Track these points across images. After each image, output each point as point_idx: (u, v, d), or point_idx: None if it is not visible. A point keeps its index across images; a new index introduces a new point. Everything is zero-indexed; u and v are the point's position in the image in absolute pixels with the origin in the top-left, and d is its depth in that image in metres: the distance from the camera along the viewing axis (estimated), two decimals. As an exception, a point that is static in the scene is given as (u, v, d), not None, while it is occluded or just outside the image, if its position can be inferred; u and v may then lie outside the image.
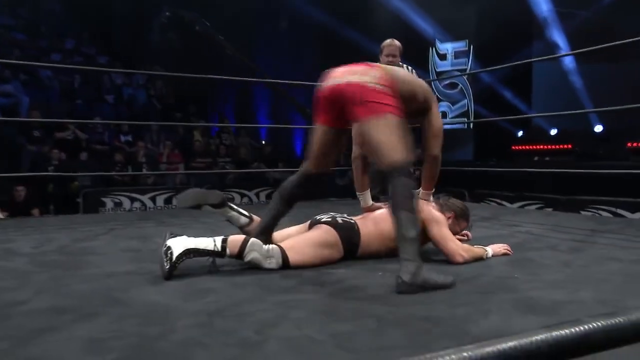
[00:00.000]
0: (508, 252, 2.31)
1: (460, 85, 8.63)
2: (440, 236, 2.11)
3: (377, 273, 1.93)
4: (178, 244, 1.86)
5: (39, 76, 8.84)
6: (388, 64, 3.98)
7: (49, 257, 2.28)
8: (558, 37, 8.42)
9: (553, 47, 8.34)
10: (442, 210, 2.31)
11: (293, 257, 1.98)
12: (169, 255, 1.83)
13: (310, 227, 2.19)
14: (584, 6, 8.11)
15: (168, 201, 6.72)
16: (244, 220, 2.18)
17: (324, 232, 2.10)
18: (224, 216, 2.19)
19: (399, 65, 3.98)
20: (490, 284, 1.79)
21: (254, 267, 1.96)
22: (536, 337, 0.53)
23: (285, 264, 1.96)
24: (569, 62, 8.61)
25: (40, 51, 9.56)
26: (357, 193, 2.70)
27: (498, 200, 6.64)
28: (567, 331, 0.53)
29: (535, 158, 7.79)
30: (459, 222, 2.38)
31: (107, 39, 10.89)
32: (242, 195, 7.20)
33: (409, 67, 4.10)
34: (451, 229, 2.27)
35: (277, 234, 2.18)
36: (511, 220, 3.55)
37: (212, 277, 1.85)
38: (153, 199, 6.74)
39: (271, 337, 1.22)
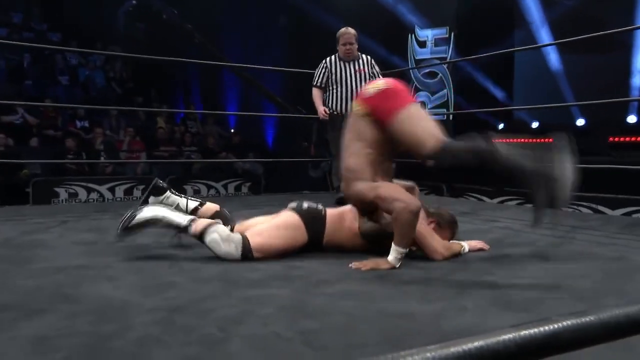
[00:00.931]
0: (484, 248, 2.35)
1: (440, 74, 8.68)
2: (420, 232, 2.13)
3: (348, 266, 1.95)
4: (148, 211, 1.97)
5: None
6: (345, 53, 4.14)
7: (-7, 250, 2.21)
8: (542, 29, 8.57)
9: (535, 37, 8.49)
10: (426, 212, 2.32)
11: (254, 239, 2.02)
12: (132, 217, 1.94)
13: None
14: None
15: (128, 192, 6.59)
16: (192, 204, 2.26)
17: (285, 216, 2.15)
18: (167, 204, 2.25)
19: (356, 54, 4.15)
20: (467, 280, 1.82)
21: (219, 260, 1.98)
22: (504, 337, 0.53)
23: (246, 248, 2.00)
24: (551, 52, 8.78)
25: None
26: None
27: (477, 196, 6.74)
28: (536, 330, 0.54)
29: (516, 152, 7.93)
30: (441, 231, 2.33)
31: (60, 14, 10.59)
32: (209, 187, 7.12)
33: (368, 57, 4.22)
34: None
35: (244, 224, 2.20)
36: (490, 215, 3.61)
37: (174, 271, 1.83)
38: (112, 190, 6.60)
39: (235, 335, 1.21)
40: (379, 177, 2.06)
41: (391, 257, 1.98)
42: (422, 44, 8.89)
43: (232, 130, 11.06)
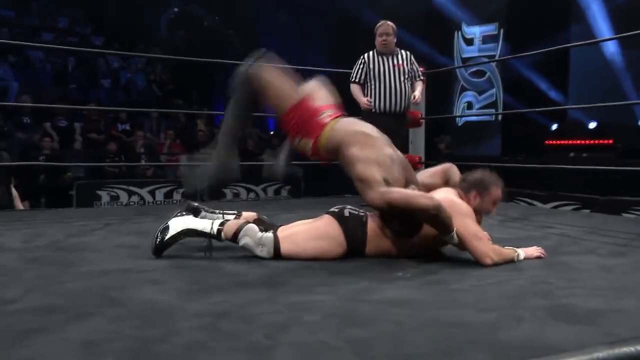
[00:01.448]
0: (542, 255, 2.28)
1: (489, 73, 8.54)
2: (465, 233, 2.08)
3: (397, 273, 1.93)
4: (178, 223, 2.05)
5: (29, 58, 8.92)
6: (382, 44, 4.14)
7: (39, 252, 2.30)
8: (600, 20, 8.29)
9: (593, 31, 8.22)
10: (465, 196, 2.24)
11: (286, 247, 2.07)
12: (164, 232, 2.03)
13: None
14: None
15: (168, 195, 6.75)
16: (228, 218, 2.32)
17: (323, 224, 2.15)
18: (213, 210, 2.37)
19: (393, 47, 4.15)
20: (522, 288, 1.77)
21: (263, 263, 2.04)
22: (597, 354, 0.51)
23: (277, 254, 2.07)
24: (612, 48, 8.48)
25: (30, 30, 9.65)
26: None
27: (528, 200, 6.56)
28: (632, 349, 0.51)
29: (571, 154, 7.69)
30: (486, 196, 2.22)
31: (103, 18, 10.97)
32: (249, 190, 7.21)
33: (407, 53, 4.18)
34: (484, 208, 2.24)
35: (284, 231, 2.20)
36: (544, 221, 3.51)
37: (217, 275, 1.86)
38: (152, 193, 6.78)
39: (282, 342, 1.22)
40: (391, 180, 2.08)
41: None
42: (469, 42, 8.77)
43: (272, 132, 11.17)
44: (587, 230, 3.12)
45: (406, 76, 4.13)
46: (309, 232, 2.14)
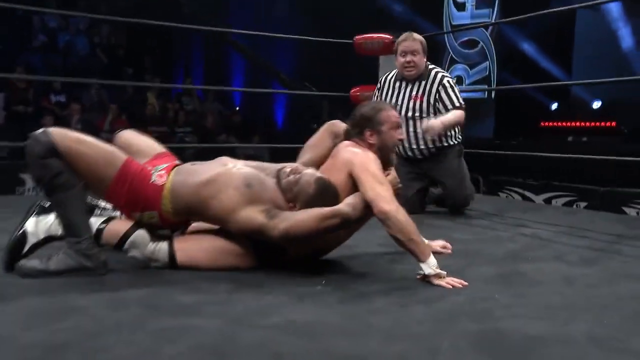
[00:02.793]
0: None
1: (481, 43, 8.41)
2: (362, 175, 2.00)
3: (317, 286, 1.85)
4: (39, 228, 1.89)
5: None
6: (404, 68, 3.42)
7: None
8: None
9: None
10: (363, 142, 2.17)
11: (184, 261, 1.99)
12: (19, 243, 1.86)
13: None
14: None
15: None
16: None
17: (232, 240, 2.04)
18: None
19: (422, 71, 3.42)
20: (456, 307, 1.68)
21: (154, 274, 1.95)
22: None
23: (174, 265, 1.99)
24: (618, 17, 8.38)
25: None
26: None
27: (520, 191, 6.52)
28: None
29: (570, 138, 7.65)
30: (381, 127, 2.17)
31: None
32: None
33: (439, 76, 3.42)
34: (389, 141, 2.19)
35: (183, 237, 2.12)
36: (519, 218, 3.46)
37: (87, 290, 1.73)
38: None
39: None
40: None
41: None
42: (460, 7, 8.62)
43: (237, 108, 11.01)
44: (563, 231, 3.07)
45: (422, 114, 3.41)
46: (213, 244, 2.04)
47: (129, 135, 2.18)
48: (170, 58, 11.99)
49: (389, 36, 4.28)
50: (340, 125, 2.29)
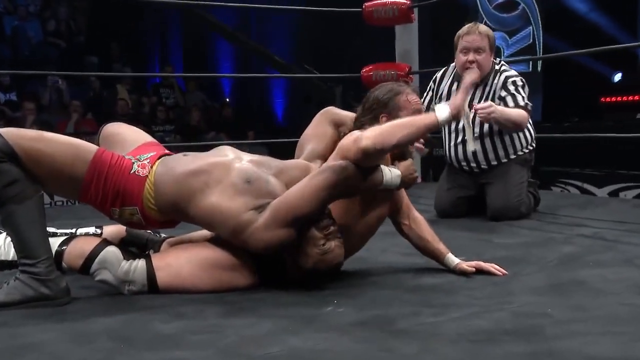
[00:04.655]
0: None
1: (522, 5, 8.41)
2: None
3: (326, 308, 1.87)
4: None
5: None
6: (466, 69, 3.28)
7: None
8: None
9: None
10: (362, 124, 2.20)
11: (165, 282, 2.01)
12: None
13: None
14: None
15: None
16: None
17: (224, 244, 2.07)
18: None
19: (486, 72, 3.40)
20: (498, 324, 1.69)
21: (129, 301, 1.95)
22: None
23: (154, 289, 2.01)
24: None
25: None
26: None
27: (578, 184, 6.51)
28: None
29: (638, 115, 7.61)
30: (399, 111, 2.19)
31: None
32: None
33: (504, 77, 3.40)
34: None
35: (162, 253, 2.18)
36: (576, 216, 3.47)
37: (52, 321, 1.75)
38: (51, 191, 6.66)
39: None
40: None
41: None
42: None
43: (227, 100, 11.08)
44: (633, 229, 3.07)
45: (483, 127, 3.41)
46: (201, 257, 2.06)
47: (114, 127, 2.25)
48: (143, 44, 12.09)
49: (405, 1, 4.29)
50: (336, 112, 2.37)
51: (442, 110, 2.03)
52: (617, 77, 8.78)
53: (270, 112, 11.45)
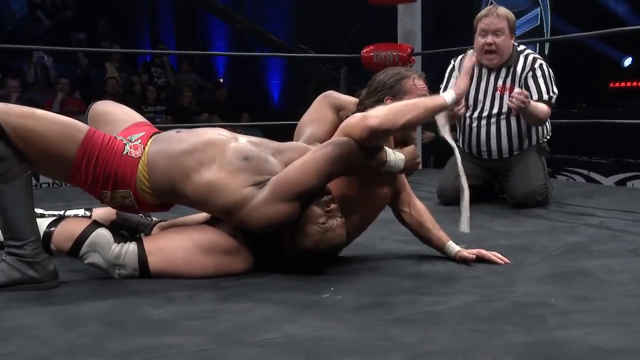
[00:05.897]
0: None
1: (530, -16, 8.40)
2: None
3: (323, 295, 1.89)
4: None
5: None
6: (486, 55, 3.40)
7: None
8: None
9: None
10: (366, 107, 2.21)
11: (158, 267, 2.02)
12: None
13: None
14: None
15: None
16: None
17: (219, 228, 2.09)
18: None
19: (506, 56, 3.42)
20: (498, 314, 1.71)
21: (120, 283, 1.98)
22: None
23: (145, 273, 2.02)
24: None
25: None
26: None
27: (584, 172, 6.54)
28: None
29: (649, 102, 7.62)
30: (404, 95, 2.20)
31: None
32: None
33: (530, 59, 3.44)
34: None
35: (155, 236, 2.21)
36: (581, 205, 3.49)
37: (37, 305, 1.76)
38: (36, 174, 6.67)
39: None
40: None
41: None
42: None
43: (220, 79, 11.03)
44: (640, 219, 3.08)
45: (511, 112, 3.44)
46: (195, 240, 2.07)
47: (104, 105, 2.25)
48: (132, 21, 12.02)
49: None
50: (337, 96, 2.40)
51: (449, 94, 2.08)
52: (628, 61, 8.77)
53: (266, 93, 11.41)
